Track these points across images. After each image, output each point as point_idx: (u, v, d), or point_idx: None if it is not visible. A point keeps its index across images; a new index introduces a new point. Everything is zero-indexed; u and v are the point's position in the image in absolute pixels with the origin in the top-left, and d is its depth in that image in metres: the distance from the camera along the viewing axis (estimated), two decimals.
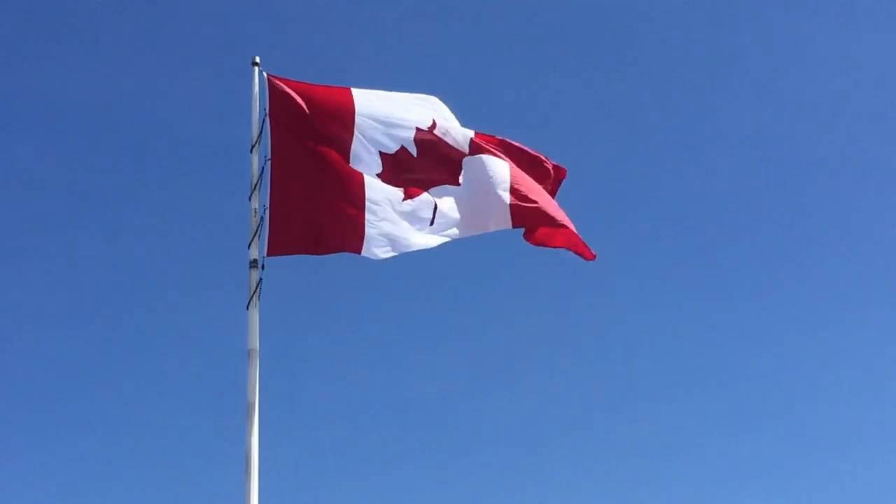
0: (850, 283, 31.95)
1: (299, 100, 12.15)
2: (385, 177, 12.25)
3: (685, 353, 30.66)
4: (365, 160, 12.23)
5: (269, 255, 11.82)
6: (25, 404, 27.97)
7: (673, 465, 28.28)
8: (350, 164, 12.18)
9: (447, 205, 12.42)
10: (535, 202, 12.59)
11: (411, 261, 12.40)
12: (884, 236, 32.20)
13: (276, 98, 12.17)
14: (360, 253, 12.10)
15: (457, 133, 12.69)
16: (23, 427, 27.40)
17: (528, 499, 26.66)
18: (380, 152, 12.30)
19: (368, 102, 12.40)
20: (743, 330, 31.28)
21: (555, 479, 27.33)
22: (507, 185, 12.56)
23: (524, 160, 13.00)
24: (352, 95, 12.36)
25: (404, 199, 12.24)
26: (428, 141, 12.51)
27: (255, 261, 11.80)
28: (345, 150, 12.18)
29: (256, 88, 12.31)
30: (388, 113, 12.45)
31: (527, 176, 12.82)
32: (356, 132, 12.25)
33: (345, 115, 12.25)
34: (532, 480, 27.18)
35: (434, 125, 12.56)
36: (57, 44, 31.15)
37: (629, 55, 33.60)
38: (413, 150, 12.43)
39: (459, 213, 12.45)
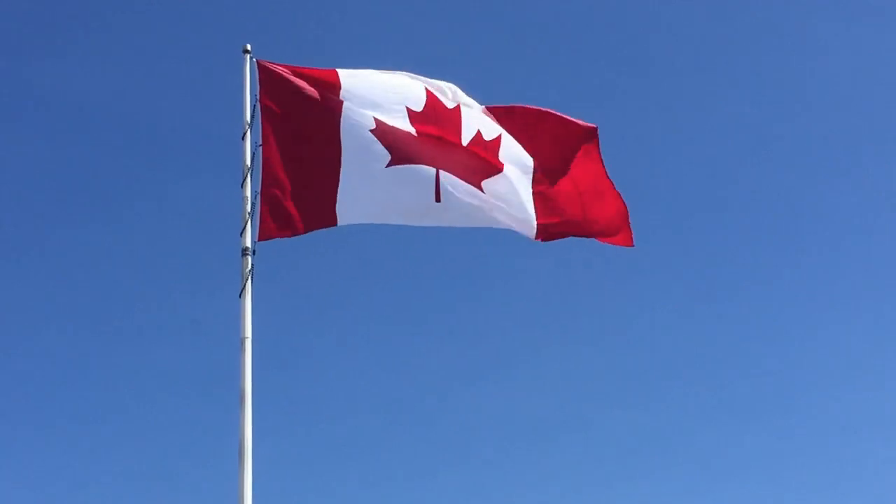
0: (850, 277, 32.03)
1: (288, 82, 12.14)
2: (377, 133, 12.14)
3: (682, 345, 30.74)
4: (354, 125, 12.15)
5: (259, 239, 11.79)
6: (17, 397, 27.96)
7: (669, 457, 28.34)
8: (339, 135, 12.12)
9: (462, 193, 12.19)
10: (560, 218, 12.44)
11: (408, 252, 12.40)
12: (883, 232, 32.26)
13: (266, 83, 12.17)
14: (335, 224, 12.05)
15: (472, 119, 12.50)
16: (14, 419, 27.40)
17: (522, 491, 26.67)
18: (374, 117, 12.22)
19: (356, 75, 12.36)
20: (741, 323, 31.35)
21: (551, 472, 27.34)
22: (532, 207, 12.41)
23: (548, 127, 12.70)
24: (337, 73, 12.32)
25: (389, 165, 12.11)
26: (425, 129, 12.35)
27: (246, 248, 11.78)
28: (334, 125, 12.15)
29: (248, 76, 12.30)
30: (380, 86, 12.36)
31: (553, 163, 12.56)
32: (344, 102, 12.19)
33: (332, 88, 12.21)
34: (527, 473, 27.21)
35: (430, 97, 12.43)
36: (46, 36, 31.11)
37: (627, 51, 33.64)
38: (412, 132, 12.31)
39: (481, 210, 12.28)
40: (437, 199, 12.13)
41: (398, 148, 12.16)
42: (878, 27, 32.79)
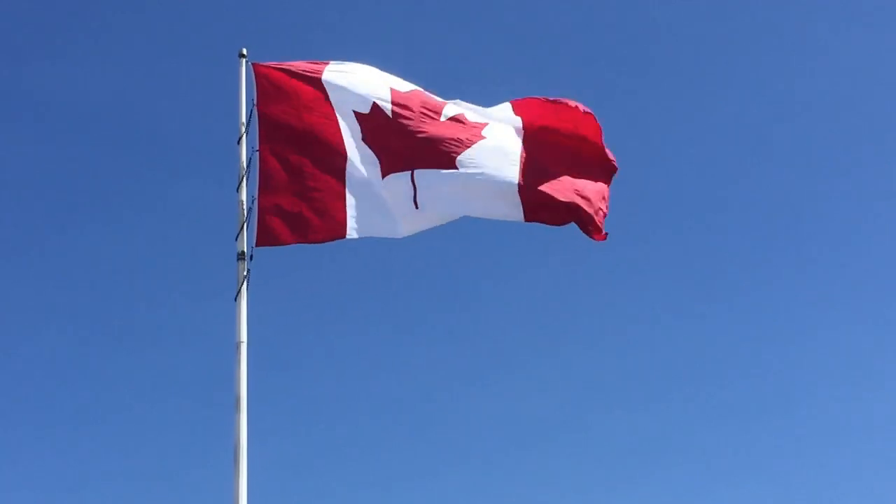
0: (850, 277, 31.95)
1: (285, 84, 12.16)
2: (368, 140, 12.15)
3: (682, 346, 30.67)
4: (347, 130, 12.17)
5: (257, 245, 11.79)
6: (17, 397, 27.98)
7: (669, 458, 28.30)
8: (340, 138, 12.14)
9: (437, 186, 12.10)
10: (547, 192, 12.20)
11: (404, 253, 12.41)
12: (883, 232, 32.21)
13: (263, 87, 12.18)
14: (344, 237, 12.04)
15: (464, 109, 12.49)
16: (14, 419, 27.42)
17: (522, 492, 26.65)
18: (354, 112, 12.25)
19: (338, 69, 12.40)
20: (740, 323, 31.26)
21: (551, 474, 27.30)
22: (516, 177, 12.22)
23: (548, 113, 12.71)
24: (324, 67, 12.38)
25: (384, 177, 12.08)
26: (403, 104, 12.33)
27: (242, 253, 11.78)
28: (331, 127, 12.18)
29: (244, 80, 12.32)
30: (357, 75, 12.40)
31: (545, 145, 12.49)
32: (332, 101, 12.21)
33: (319, 85, 12.24)
34: (527, 474, 27.18)
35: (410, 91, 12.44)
36: (46, 36, 31.10)
37: (627, 51, 33.61)
38: (387, 111, 12.30)
39: (456, 195, 12.15)
40: (416, 206, 12.09)
41: (382, 151, 12.14)
42: (878, 27, 32.81)
